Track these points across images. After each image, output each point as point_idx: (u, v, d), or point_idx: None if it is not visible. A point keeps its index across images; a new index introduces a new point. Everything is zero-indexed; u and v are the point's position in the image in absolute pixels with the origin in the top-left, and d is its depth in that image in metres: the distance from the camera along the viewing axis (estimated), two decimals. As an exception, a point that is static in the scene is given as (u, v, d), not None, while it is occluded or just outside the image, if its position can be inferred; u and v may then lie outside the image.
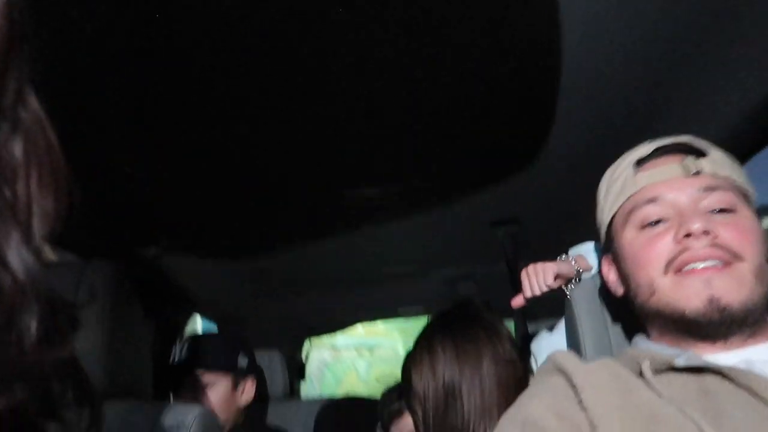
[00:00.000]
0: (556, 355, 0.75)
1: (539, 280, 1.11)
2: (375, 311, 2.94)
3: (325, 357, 6.60)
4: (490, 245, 2.01)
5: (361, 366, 7.20)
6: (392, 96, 1.11)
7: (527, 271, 1.14)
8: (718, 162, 0.76)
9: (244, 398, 1.56)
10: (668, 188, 0.75)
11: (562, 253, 2.07)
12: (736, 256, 0.69)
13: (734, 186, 0.75)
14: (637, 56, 1.07)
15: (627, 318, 0.96)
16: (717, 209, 0.73)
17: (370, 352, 7.57)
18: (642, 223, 0.76)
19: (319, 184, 1.47)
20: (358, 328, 3.73)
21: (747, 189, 0.76)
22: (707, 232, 0.69)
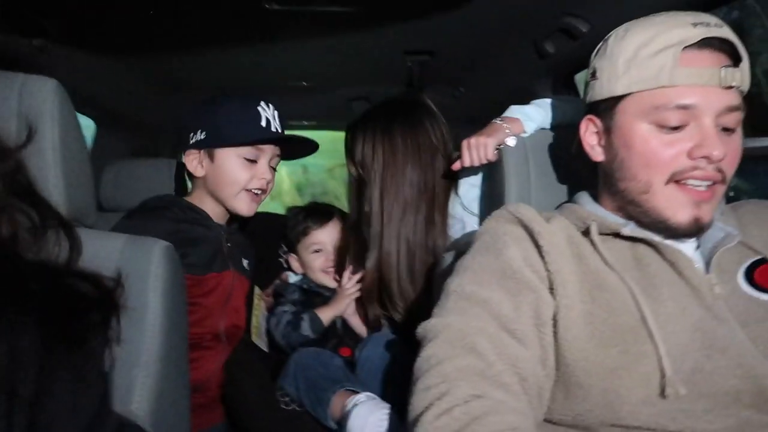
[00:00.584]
0: (517, 208, 0.83)
1: (480, 153, 1.17)
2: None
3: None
4: (396, 71, 2.04)
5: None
6: None
7: (469, 143, 1.19)
8: (746, 73, 0.75)
9: None
10: (703, 97, 0.73)
11: (461, 87, 2.15)
12: (724, 180, 0.76)
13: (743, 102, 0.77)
14: None
15: (557, 175, 1.10)
16: (728, 128, 0.75)
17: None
18: (663, 124, 0.75)
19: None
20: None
21: None
22: (721, 159, 0.73)
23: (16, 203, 0.65)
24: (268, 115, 1.34)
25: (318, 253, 1.58)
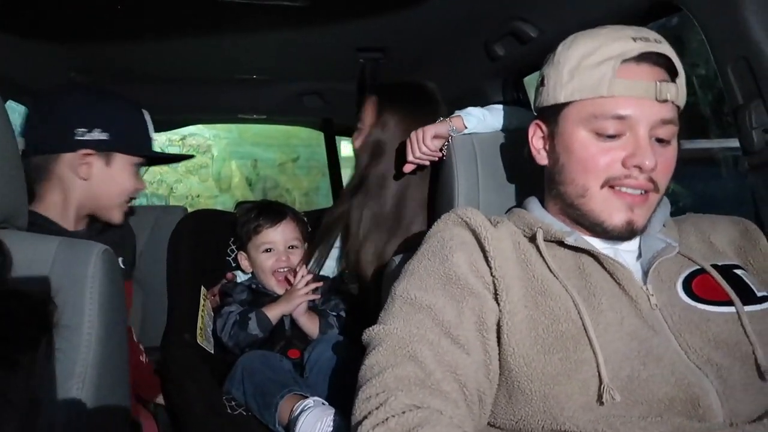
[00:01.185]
0: (465, 212, 0.84)
1: (419, 140, 1.20)
2: (216, 113, 2.84)
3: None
4: (348, 68, 2.03)
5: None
6: None
7: (410, 137, 1.23)
8: (681, 89, 0.79)
9: None
10: (638, 109, 0.77)
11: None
12: (657, 189, 0.80)
13: (678, 117, 0.80)
14: None
15: (507, 176, 1.11)
16: (662, 140, 0.79)
17: (182, 140, 7.32)
18: (601, 132, 0.79)
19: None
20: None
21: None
22: (652, 169, 0.77)
23: None
24: (149, 120, 1.28)
25: (269, 252, 1.55)
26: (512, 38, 1.53)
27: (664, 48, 0.78)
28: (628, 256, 0.84)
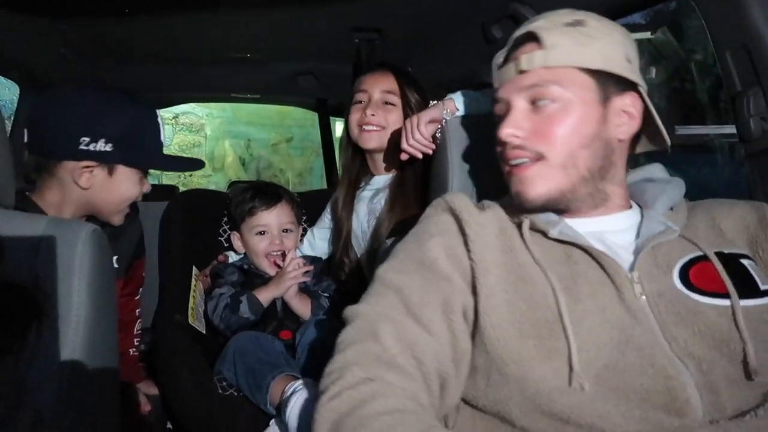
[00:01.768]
0: (452, 197, 0.85)
1: (413, 126, 1.20)
2: (209, 92, 2.81)
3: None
4: (344, 48, 2.00)
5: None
6: None
7: (404, 124, 1.23)
8: (556, 48, 0.80)
9: None
10: (503, 91, 0.86)
11: (410, 68, 2.16)
12: (540, 156, 0.81)
13: (566, 73, 0.81)
14: None
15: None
16: (539, 103, 0.82)
17: (174, 119, 7.25)
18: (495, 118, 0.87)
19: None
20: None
21: (594, 63, 0.80)
22: (516, 136, 0.81)
23: None
24: (161, 122, 1.23)
25: (263, 235, 1.54)
26: (510, 21, 1.51)
27: (531, 26, 0.84)
28: (625, 237, 0.83)
